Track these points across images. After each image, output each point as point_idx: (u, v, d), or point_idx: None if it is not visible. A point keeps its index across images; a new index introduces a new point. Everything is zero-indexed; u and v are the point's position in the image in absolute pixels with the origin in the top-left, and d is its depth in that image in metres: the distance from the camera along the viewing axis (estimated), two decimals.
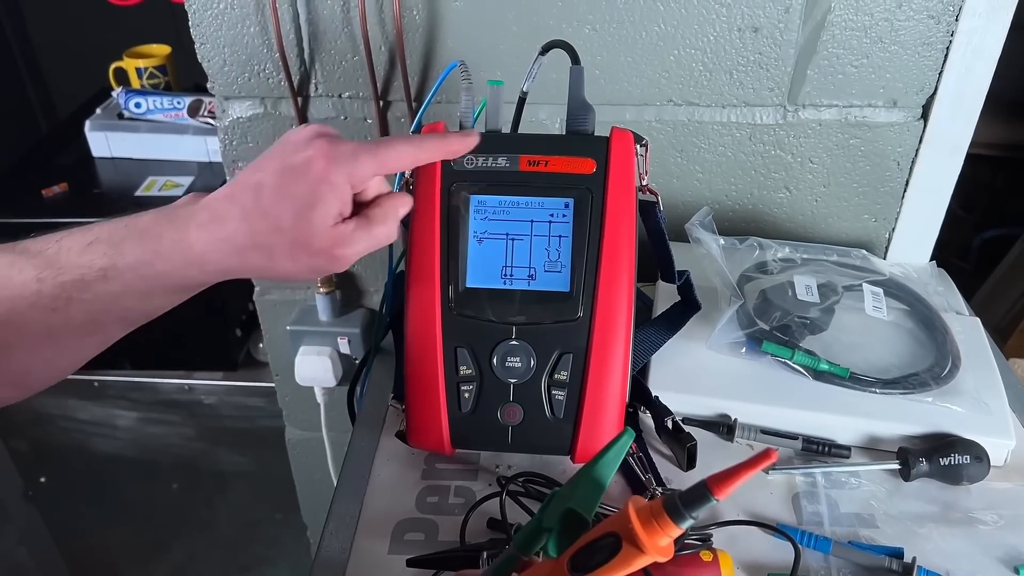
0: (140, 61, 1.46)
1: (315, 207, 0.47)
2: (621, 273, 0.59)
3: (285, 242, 0.47)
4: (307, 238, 0.47)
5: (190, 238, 0.47)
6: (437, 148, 0.55)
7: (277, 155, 0.49)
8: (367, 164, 0.49)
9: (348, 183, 0.48)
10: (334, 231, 0.48)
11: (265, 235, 0.47)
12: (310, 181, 0.47)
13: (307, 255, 0.48)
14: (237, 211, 0.47)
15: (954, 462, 0.61)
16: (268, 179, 0.48)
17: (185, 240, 0.47)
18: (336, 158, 0.48)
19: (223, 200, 0.48)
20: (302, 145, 0.49)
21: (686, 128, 0.84)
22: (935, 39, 0.77)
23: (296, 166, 0.48)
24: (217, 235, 0.47)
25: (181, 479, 1.52)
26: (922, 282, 0.78)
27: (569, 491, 0.44)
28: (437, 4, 0.78)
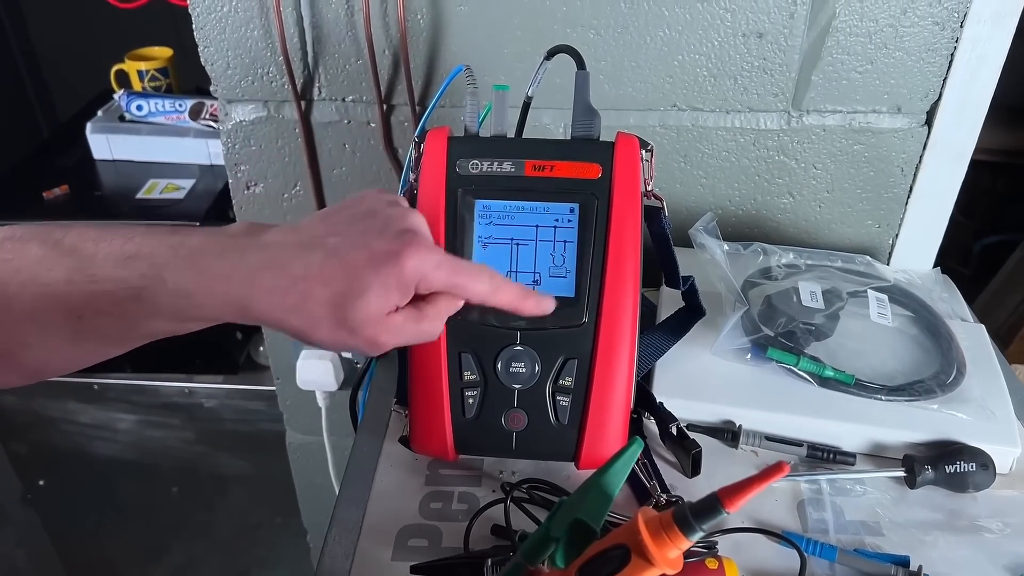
0: (142, 63, 1.46)
1: (378, 297, 0.45)
2: (626, 279, 0.59)
3: (334, 317, 0.45)
4: (357, 322, 0.45)
5: (239, 279, 0.44)
6: (512, 299, 0.51)
7: (361, 226, 0.46)
8: (442, 279, 0.47)
9: (416, 285, 0.46)
10: (384, 320, 0.46)
11: (318, 304, 0.44)
12: (385, 273, 0.44)
13: (349, 335, 0.46)
14: (300, 269, 0.44)
15: (960, 470, 0.60)
16: (344, 249, 0.45)
17: (234, 279, 0.44)
18: (420, 261, 0.45)
19: (288, 248, 0.45)
20: (391, 233, 0.46)
21: (690, 133, 0.84)
22: (940, 45, 0.77)
23: (379, 252, 0.45)
24: (268, 285, 0.44)
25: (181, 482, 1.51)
26: (926, 288, 0.77)
27: (577, 500, 0.44)
28: (442, 8, 0.78)
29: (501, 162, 0.60)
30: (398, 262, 0.45)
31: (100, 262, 0.44)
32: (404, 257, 0.45)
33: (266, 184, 0.90)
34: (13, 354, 0.46)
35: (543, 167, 0.60)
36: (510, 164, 0.60)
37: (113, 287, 0.44)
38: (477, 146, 0.61)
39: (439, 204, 0.60)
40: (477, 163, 0.60)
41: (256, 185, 0.90)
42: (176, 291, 0.44)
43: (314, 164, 0.88)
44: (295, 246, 0.45)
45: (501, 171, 0.60)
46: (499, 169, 0.60)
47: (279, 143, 0.87)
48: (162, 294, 0.44)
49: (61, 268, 0.44)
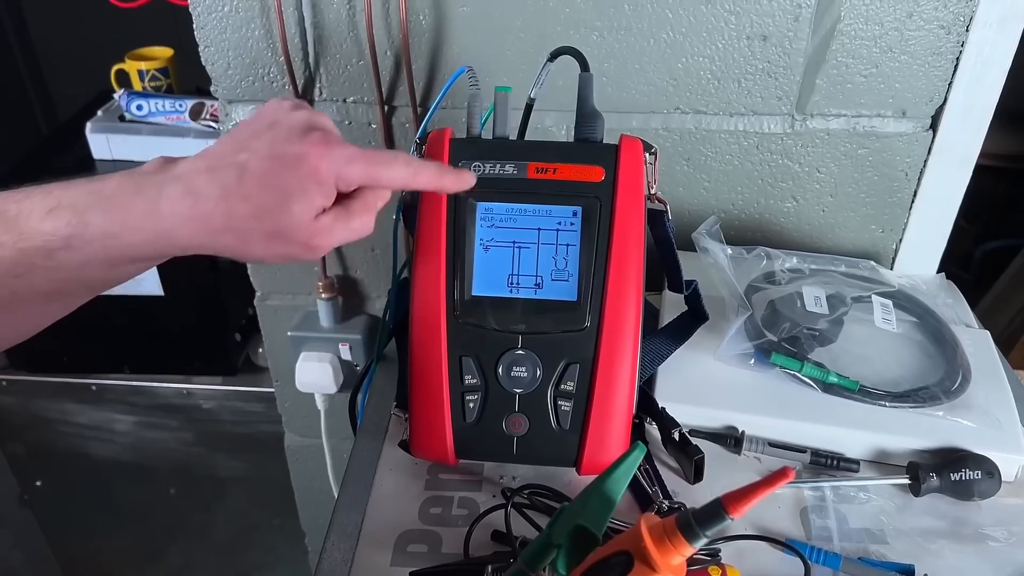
0: (142, 63, 1.45)
1: (300, 201, 0.46)
2: (629, 282, 0.59)
3: (263, 230, 0.46)
4: (286, 229, 0.46)
5: (161, 211, 0.45)
6: (431, 179, 0.53)
7: (267, 137, 0.47)
8: (358, 172, 0.48)
9: (335, 186, 0.47)
10: (314, 223, 0.47)
11: (243, 220, 0.45)
12: (300, 176, 0.46)
13: (282, 244, 0.47)
14: (216, 190, 0.45)
15: (965, 477, 0.60)
16: (255, 163, 0.46)
17: (155, 213, 0.45)
18: (331, 159, 0.47)
19: (201, 174, 0.46)
20: (296, 136, 0.47)
21: (693, 136, 0.83)
22: (945, 49, 0.76)
23: (287, 157, 0.46)
24: (191, 212, 0.45)
25: (179, 484, 1.51)
26: (931, 294, 0.77)
27: (579, 507, 0.44)
28: (444, 9, 0.77)
29: (503, 164, 0.59)
30: (309, 162, 0.46)
31: (26, 219, 0.45)
32: (314, 156, 0.46)
33: None
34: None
35: (546, 169, 0.59)
36: (512, 166, 0.59)
37: (42, 241, 0.44)
38: (479, 148, 0.60)
39: (440, 206, 0.59)
40: (479, 165, 0.59)
41: None
42: (103, 233, 0.45)
43: None
44: (208, 170, 0.46)
45: (503, 173, 0.59)
46: (501, 171, 0.59)
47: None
48: (90, 239, 0.45)
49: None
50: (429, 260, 0.59)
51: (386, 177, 0.50)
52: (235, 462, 1.45)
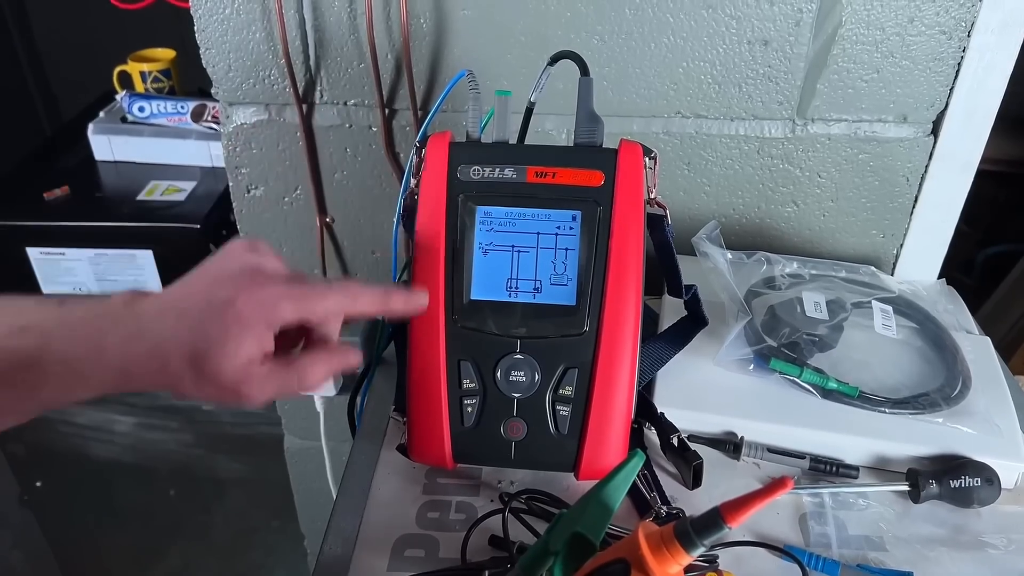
0: (144, 65, 1.45)
1: (225, 345, 0.46)
2: (628, 287, 0.58)
3: (195, 371, 0.46)
4: (215, 374, 0.46)
5: (115, 349, 0.47)
6: (373, 304, 0.53)
7: (205, 282, 0.49)
8: (289, 313, 0.48)
9: (267, 328, 0.48)
10: (245, 370, 0.47)
11: (177, 361, 0.46)
12: (227, 321, 0.46)
13: (214, 388, 0.47)
14: (157, 333, 0.47)
15: (964, 484, 0.60)
16: (191, 308, 0.47)
17: (111, 350, 0.46)
18: (256, 303, 0.47)
19: (150, 317, 0.48)
20: (228, 279, 0.48)
21: (694, 141, 0.83)
22: (947, 54, 0.76)
23: (215, 303, 0.47)
24: (137, 351, 0.47)
25: (178, 485, 1.51)
26: (931, 300, 0.77)
27: (576, 514, 0.44)
28: (445, 12, 0.77)
29: (503, 168, 0.59)
30: (235, 306, 0.47)
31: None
32: (240, 300, 0.47)
33: (267, 187, 0.89)
34: None
35: (545, 174, 0.59)
36: (512, 170, 0.59)
37: (5, 357, 0.45)
38: (479, 152, 0.60)
39: (440, 210, 0.59)
40: (479, 169, 0.59)
41: (257, 188, 0.89)
42: (63, 360, 0.46)
43: (315, 168, 0.87)
44: (158, 312, 0.48)
45: (503, 177, 0.59)
46: (501, 175, 0.59)
47: (280, 146, 0.86)
48: (50, 363, 0.46)
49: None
50: (428, 264, 0.59)
51: (319, 309, 0.50)
52: (235, 464, 1.45)
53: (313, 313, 0.50)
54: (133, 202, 1.25)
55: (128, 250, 1.21)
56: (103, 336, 0.47)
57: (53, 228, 1.22)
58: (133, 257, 1.21)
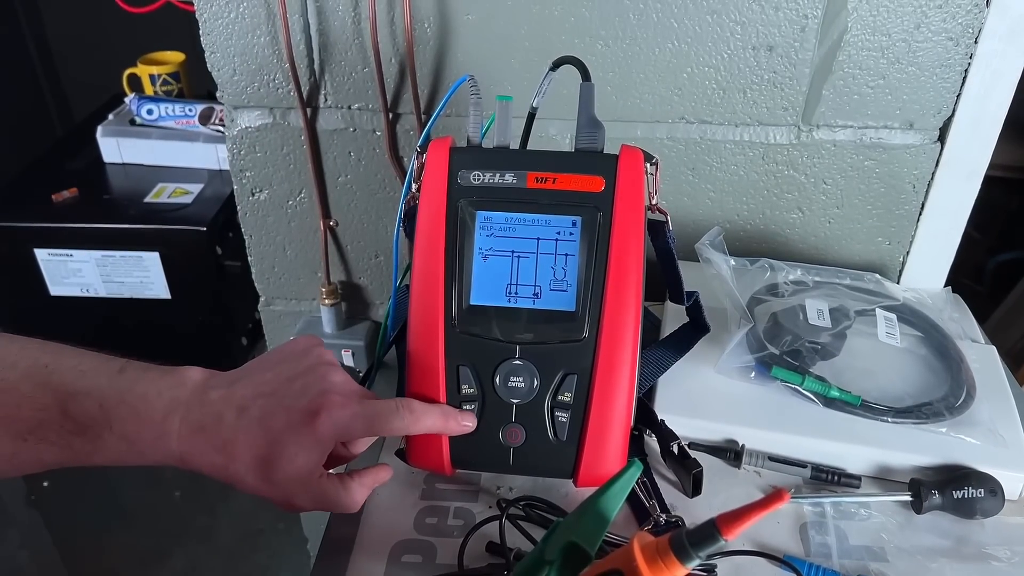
0: (154, 68, 1.46)
1: (296, 459, 0.48)
2: (628, 293, 0.58)
3: (256, 477, 0.48)
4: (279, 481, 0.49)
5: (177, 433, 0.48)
6: (434, 427, 0.56)
7: (285, 387, 0.51)
8: (359, 431, 0.51)
9: (335, 442, 0.50)
10: (303, 480, 0.49)
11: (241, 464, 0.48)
12: (302, 435, 0.48)
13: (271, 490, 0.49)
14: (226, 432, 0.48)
15: (968, 495, 0.59)
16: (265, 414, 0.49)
17: (172, 435, 0.48)
18: (335, 422, 0.49)
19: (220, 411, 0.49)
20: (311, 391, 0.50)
21: (698, 146, 0.83)
22: (953, 61, 0.75)
23: (295, 414, 0.49)
24: (201, 446, 0.48)
25: (184, 487, 1.51)
26: (936, 308, 0.76)
27: (572, 523, 0.43)
28: (449, 17, 0.77)
29: (503, 174, 0.59)
30: (313, 423, 0.49)
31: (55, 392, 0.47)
32: (319, 417, 0.49)
33: (271, 190, 0.89)
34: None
35: (545, 179, 0.59)
36: (512, 176, 0.59)
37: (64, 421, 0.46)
38: (479, 157, 0.60)
39: (440, 215, 0.59)
40: (479, 174, 0.59)
41: (261, 191, 0.90)
42: (120, 436, 0.47)
43: (319, 171, 0.87)
44: (227, 408, 0.49)
45: (503, 183, 0.59)
46: (501, 180, 0.59)
47: (284, 150, 0.87)
48: (106, 437, 0.47)
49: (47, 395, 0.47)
50: (427, 269, 0.59)
51: (388, 429, 0.53)
52: None
53: (379, 433, 0.53)
54: (140, 204, 1.26)
55: (135, 252, 1.22)
56: (167, 421, 0.48)
57: (61, 229, 1.23)
58: (140, 259, 1.22)
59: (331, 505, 0.52)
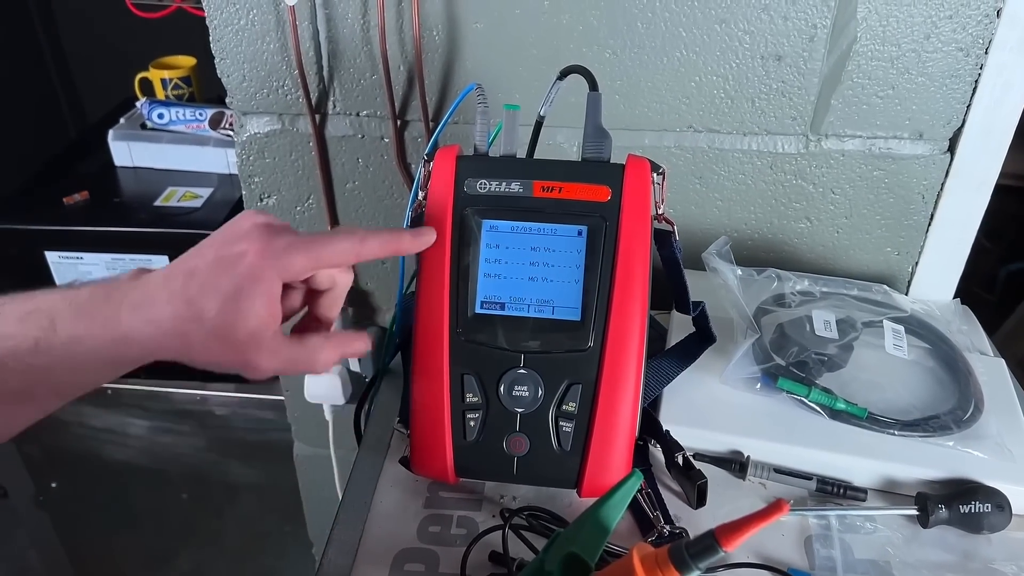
0: (165, 72, 1.47)
1: (238, 301, 0.46)
2: (634, 303, 0.58)
3: (203, 332, 0.47)
4: (226, 333, 0.47)
5: (120, 317, 0.47)
6: (383, 246, 0.53)
7: (215, 243, 0.49)
8: (300, 260, 0.48)
9: (278, 278, 0.48)
10: (256, 333, 0.47)
11: (185, 323, 0.46)
12: (238, 275, 0.47)
13: (222, 351, 0.47)
14: (165, 295, 0.47)
15: (975, 510, 0.59)
16: (200, 267, 0.48)
17: (115, 319, 0.47)
18: (268, 253, 0.47)
19: (157, 282, 0.48)
20: (238, 237, 0.48)
21: (706, 155, 0.82)
22: (964, 72, 0.75)
23: (227, 258, 0.47)
24: (145, 317, 0.47)
25: (191, 489, 1.51)
26: (945, 320, 0.75)
27: (573, 533, 0.43)
28: (457, 25, 0.77)
29: (509, 182, 0.59)
30: (245, 259, 0.47)
31: (3, 321, 0.47)
32: (250, 253, 0.47)
33: (279, 196, 0.90)
34: None
35: (552, 188, 0.59)
36: (518, 184, 0.59)
37: (14, 343, 0.46)
38: (486, 166, 0.60)
39: (446, 223, 0.59)
40: (485, 183, 0.59)
41: (269, 197, 0.90)
42: (68, 338, 0.46)
43: (327, 178, 0.88)
44: (165, 278, 0.48)
45: (509, 191, 0.59)
46: (507, 189, 0.59)
47: (293, 156, 0.87)
48: (56, 343, 0.46)
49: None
50: (433, 277, 0.59)
51: (329, 255, 0.50)
52: (247, 469, 1.45)
53: (323, 260, 0.49)
54: (150, 208, 1.26)
55: (144, 255, 1.22)
56: (108, 308, 0.47)
57: (71, 232, 1.23)
58: (149, 262, 1.23)
59: (295, 362, 0.50)
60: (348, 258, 0.51)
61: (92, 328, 0.47)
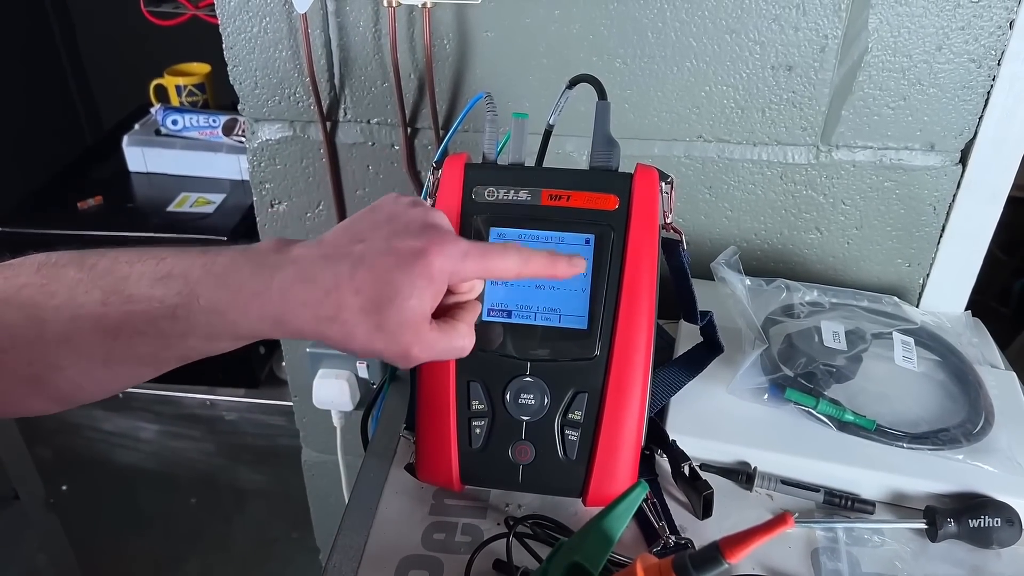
0: (180, 79, 1.48)
1: (411, 298, 0.44)
2: (641, 312, 0.58)
3: (368, 323, 0.44)
4: (392, 328, 0.44)
5: (272, 294, 0.44)
6: (544, 267, 0.51)
7: (384, 229, 0.47)
8: (473, 268, 0.47)
9: (448, 282, 0.47)
10: (419, 327, 0.45)
11: (351, 312, 0.44)
12: (415, 273, 0.44)
13: (386, 342, 0.45)
14: (330, 279, 0.44)
15: (984, 524, 0.58)
16: (370, 255, 0.45)
17: (266, 294, 0.44)
18: (447, 255, 0.45)
19: (317, 261, 0.45)
20: (413, 232, 0.46)
21: (716, 165, 0.82)
22: (976, 83, 0.75)
23: (403, 252, 0.45)
24: (301, 298, 0.44)
25: (200, 494, 1.52)
26: (955, 332, 0.75)
27: (576, 543, 0.43)
28: (468, 34, 0.78)
29: (517, 191, 0.59)
30: (425, 258, 0.45)
31: (134, 283, 0.44)
32: (430, 253, 0.45)
33: (290, 203, 0.90)
34: (46, 378, 0.46)
35: (559, 197, 0.59)
36: (526, 193, 0.59)
37: (148, 306, 0.44)
38: (494, 174, 0.60)
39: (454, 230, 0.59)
40: (493, 191, 0.60)
41: (280, 203, 0.91)
42: (210, 308, 0.44)
43: (337, 184, 0.88)
44: (323, 258, 0.45)
45: (517, 199, 0.59)
46: (515, 197, 0.59)
47: (304, 163, 0.87)
48: (196, 312, 0.44)
49: (96, 290, 0.44)
50: None
51: (500, 269, 0.49)
52: (256, 474, 1.45)
53: (492, 272, 0.49)
54: (163, 213, 1.27)
55: None
56: (257, 282, 0.44)
57: (84, 237, 1.24)
58: None
59: (447, 352, 0.48)
60: (511, 274, 0.50)
61: (237, 302, 0.44)
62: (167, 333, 0.44)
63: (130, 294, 0.44)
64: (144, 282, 0.44)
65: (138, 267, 0.45)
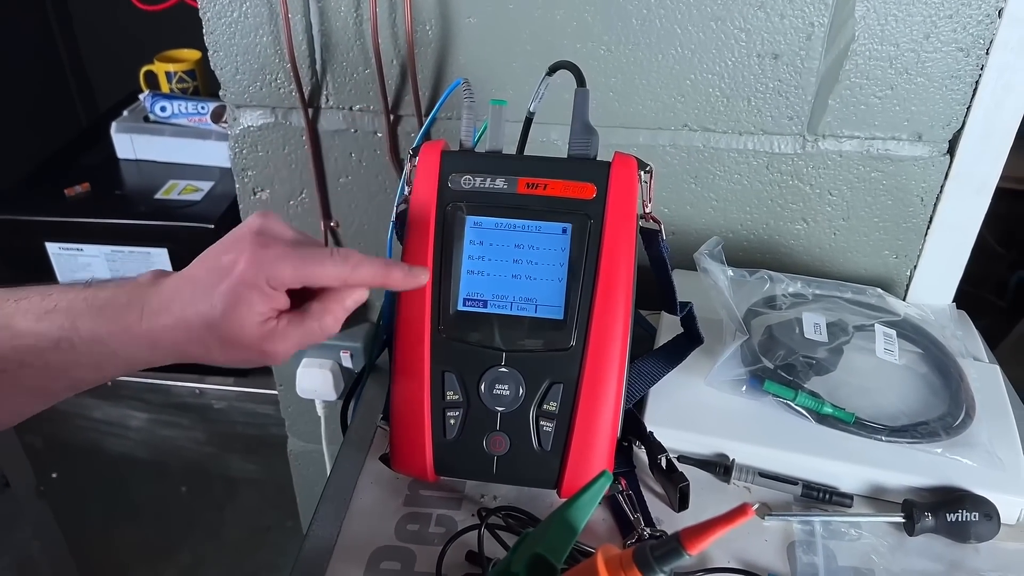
0: (170, 65, 1.47)
1: (237, 307, 0.48)
2: (617, 303, 0.57)
3: (216, 337, 0.48)
4: (234, 334, 0.48)
5: (142, 323, 0.48)
6: (373, 276, 0.53)
7: (213, 252, 0.50)
8: (288, 272, 0.49)
9: (268, 285, 0.49)
10: (262, 328, 0.49)
11: (199, 330, 0.48)
12: (232, 282, 0.48)
13: (238, 350, 0.49)
14: (178, 304, 0.48)
15: (962, 518, 0.57)
16: (200, 275, 0.49)
17: (136, 324, 0.48)
18: (259, 263, 0.48)
19: (170, 289, 0.49)
20: (231, 245, 0.50)
21: (701, 154, 0.81)
22: (964, 72, 0.74)
23: (222, 266, 0.49)
24: (163, 323, 0.48)
25: (190, 482, 1.52)
26: (939, 324, 0.74)
27: (540, 534, 0.43)
28: (450, 20, 0.77)
29: (494, 178, 0.59)
30: (236, 267, 0.48)
31: (21, 318, 0.48)
32: (242, 262, 0.48)
33: (272, 190, 0.90)
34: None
35: (536, 185, 0.58)
36: (503, 181, 0.59)
37: (34, 340, 0.48)
38: (470, 161, 0.59)
39: (430, 219, 0.59)
40: (470, 178, 0.59)
41: (263, 191, 0.90)
42: (92, 339, 0.48)
43: (320, 172, 0.87)
44: (176, 286, 0.50)
45: (493, 187, 0.59)
46: (491, 185, 0.59)
47: (286, 150, 0.87)
48: (78, 343, 0.48)
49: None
50: None
51: (317, 275, 0.50)
52: (246, 463, 1.45)
53: (311, 278, 0.50)
54: (151, 200, 1.27)
55: (144, 248, 1.23)
56: (129, 313, 0.48)
57: (72, 224, 1.24)
58: (148, 255, 1.23)
59: (309, 335, 0.51)
60: (335, 282, 0.51)
61: (114, 330, 0.48)
62: (53, 365, 0.48)
63: (15, 330, 0.48)
64: (29, 317, 0.48)
65: (24, 303, 0.49)
